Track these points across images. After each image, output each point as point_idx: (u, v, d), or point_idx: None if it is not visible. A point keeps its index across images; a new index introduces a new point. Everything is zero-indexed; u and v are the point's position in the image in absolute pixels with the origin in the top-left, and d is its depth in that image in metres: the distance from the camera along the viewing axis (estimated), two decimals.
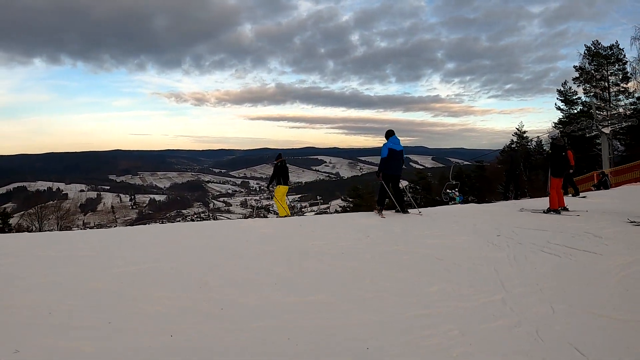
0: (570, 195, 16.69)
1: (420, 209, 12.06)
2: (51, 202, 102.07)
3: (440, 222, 10.03)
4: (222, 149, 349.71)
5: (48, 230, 55.05)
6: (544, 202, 13.01)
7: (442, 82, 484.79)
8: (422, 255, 6.91)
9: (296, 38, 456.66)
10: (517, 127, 49.38)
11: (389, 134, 11.52)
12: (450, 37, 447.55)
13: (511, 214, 11.56)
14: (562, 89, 46.16)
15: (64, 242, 7.94)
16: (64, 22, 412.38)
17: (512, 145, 46.18)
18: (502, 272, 6.09)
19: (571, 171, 16.43)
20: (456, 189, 19.95)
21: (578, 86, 45.20)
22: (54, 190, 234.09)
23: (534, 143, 46.89)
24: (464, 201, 22.47)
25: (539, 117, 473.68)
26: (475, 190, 48.53)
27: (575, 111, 45.12)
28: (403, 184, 13.51)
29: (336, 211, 70.29)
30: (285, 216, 12.98)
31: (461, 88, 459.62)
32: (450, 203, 18.96)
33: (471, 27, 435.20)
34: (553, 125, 45.45)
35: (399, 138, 11.64)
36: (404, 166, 12.36)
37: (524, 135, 48.77)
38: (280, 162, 16.90)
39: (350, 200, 56.48)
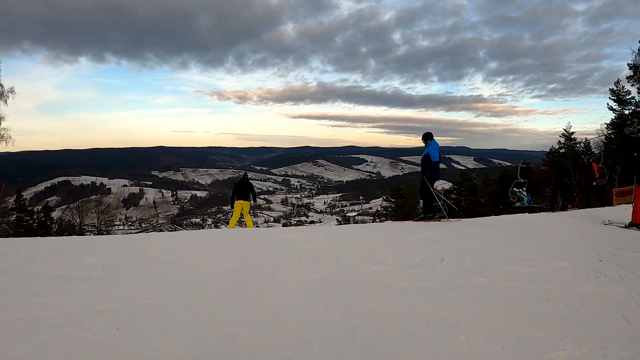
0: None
1: (450, 218, 11.20)
2: (94, 196, 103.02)
3: (520, 238, 8.52)
4: (263, 147, 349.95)
5: (90, 224, 55.26)
6: (615, 213, 11.91)
7: (485, 82, 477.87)
8: (521, 292, 5.23)
9: (338, 37, 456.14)
10: (565, 127, 46.69)
11: (431, 136, 11.51)
12: (492, 35, 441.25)
13: (594, 228, 9.99)
14: (614, 87, 43.46)
15: (70, 252, 7.26)
16: (109, 22, 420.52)
17: (560, 148, 43.59)
18: (636, 320, 4.41)
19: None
20: (524, 188, 17.90)
21: (632, 85, 42.50)
22: (97, 184, 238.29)
23: (582, 145, 44.47)
24: (534, 207, 20.44)
25: (584, 117, 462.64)
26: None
27: (628, 112, 42.47)
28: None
29: (377, 212, 68.65)
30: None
31: (504, 88, 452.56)
32: (517, 204, 16.97)
33: (514, 26, 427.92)
34: (605, 126, 42.99)
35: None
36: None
37: (572, 136, 46.17)
38: (241, 179, 18.02)
39: (393, 200, 54.58)
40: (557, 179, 16.01)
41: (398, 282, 5.74)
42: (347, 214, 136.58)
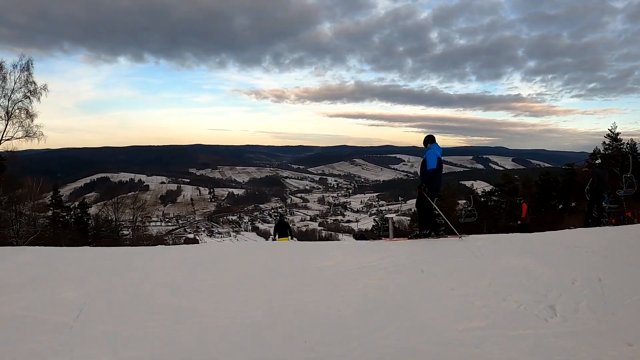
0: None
1: (461, 235, 9.18)
2: (132, 192, 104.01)
3: (628, 266, 6.33)
4: (300, 145, 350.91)
5: (127, 220, 55.27)
6: None
7: (523, 81, 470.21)
8: None
9: (375, 36, 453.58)
10: (610, 128, 44.44)
11: (432, 140, 9.95)
12: (530, 34, 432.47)
13: None
14: None
15: (50, 275, 6.43)
16: (147, 22, 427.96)
17: (598, 153, 41.29)
18: None
19: None
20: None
21: None
22: (135, 181, 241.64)
23: (627, 147, 42.34)
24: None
25: (624, 118, 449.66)
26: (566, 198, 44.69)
27: None
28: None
29: (414, 212, 67.45)
30: None
31: (543, 87, 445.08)
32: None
33: (552, 24, 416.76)
34: None
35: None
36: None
37: (618, 137, 43.95)
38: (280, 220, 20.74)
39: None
40: (595, 191, 14.40)
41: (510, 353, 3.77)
42: (380, 218, 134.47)
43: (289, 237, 19.07)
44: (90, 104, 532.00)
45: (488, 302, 4.87)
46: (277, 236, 18.61)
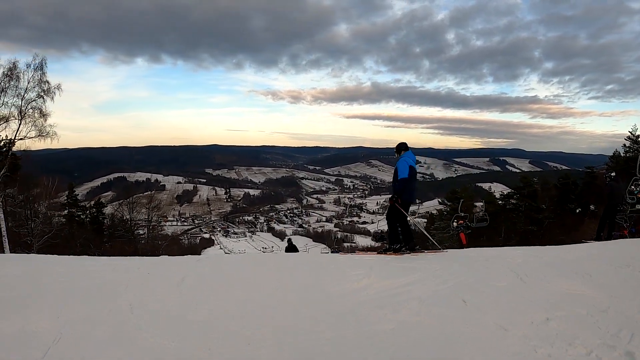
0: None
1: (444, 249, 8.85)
2: (148, 192, 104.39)
3: None
4: (317, 146, 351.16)
5: (143, 220, 55.39)
6: None
7: (540, 82, 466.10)
8: None
9: (391, 37, 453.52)
10: (630, 130, 43.44)
11: (404, 147, 9.24)
12: (547, 35, 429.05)
13: None
14: None
15: (28, 303, 5.34)
16: (165, 23, 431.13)
17: (626, 153, 40.34)
18: None
19: None
20: None
21: None
22: (152, 181, 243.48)
23: None
24: None
25: None
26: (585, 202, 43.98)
27: None
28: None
29: (431, 214, 66.90)
30: None
31: (560, 88, 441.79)
32: (637, 206, 14.75)
33: (569, 25, 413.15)
34: None
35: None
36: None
37: (639, 139, 43.09)
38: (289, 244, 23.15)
39: (449, 203, 52.64)
40: (609, 205, 14.04)
41: None
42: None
43: None
44: (107, 104, 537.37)
45: (552, 349, 3.91)
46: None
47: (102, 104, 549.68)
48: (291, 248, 22.22)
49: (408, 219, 8.49)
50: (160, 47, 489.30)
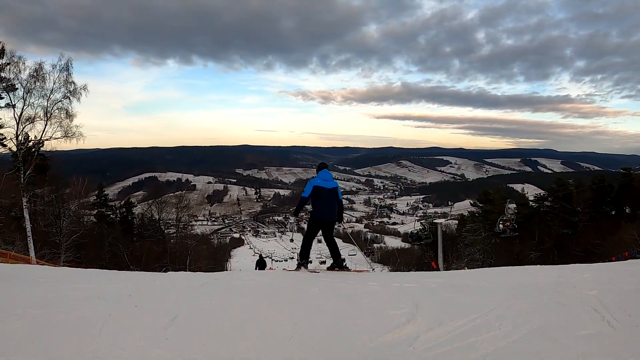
0: None
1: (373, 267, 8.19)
2: (179, 192, 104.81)
3: None
4: (347, 147, 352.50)
5: (172, 220, 55.43)
6: None
7: (572, 81, 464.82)
8: None
9: (421, 37, 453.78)
10: None
11: (320, 168, 9.19)
12: (579, 33, 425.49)
13: None
14: None
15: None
16: (196, 26, 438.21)
17: None
18: None
19: None
20: None
21: None
22: (183, 181, 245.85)
23: None
24: None
25: None
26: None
27: None
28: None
29: (463, 216, 65.61)
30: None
31: (592, 87, 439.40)
32: None
33: (601, 23, 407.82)
34: None
35: (332, 173, 9.30)
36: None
37: None
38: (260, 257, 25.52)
39: (480, 205, 51.46)
40: None
41: None
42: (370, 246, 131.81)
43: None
44: (138, 105, 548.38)
45: None
46: (257, 269, 22.29)
47: (133, 105, 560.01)
48: (261, 263, 24.58)
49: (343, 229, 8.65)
50: (191, 49, 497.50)
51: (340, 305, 5.00)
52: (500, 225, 26.94)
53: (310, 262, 9.01)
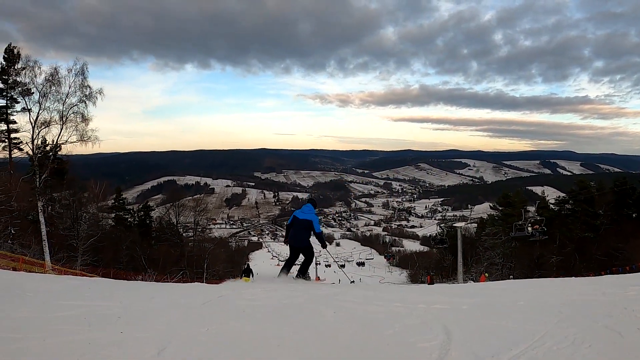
0: None
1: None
2: (198, 195, 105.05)
3: None
4: (365, 150, 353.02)
5: (190, 223, 55.25)
6: None
7: (591, 82, 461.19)
8: None
9: (438, 39, 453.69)
10: None
11: (306, 201, 11.23)
12: (596, 33, 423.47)
13: None
14: None
15: None
16: (214, 30, 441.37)
17: None
18: None
19: None
20: None
21: None
22: (201, 184, 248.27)
23: None
24: None
25: None
26: None
27: None
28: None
29: (482, 219, 64.84)
30: None
31: (611, 88, 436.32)
32: None
33: (619, 22, 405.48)
34: None
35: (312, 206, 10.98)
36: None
37: None
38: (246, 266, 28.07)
39: (500, 208, 50.77)
40: None
41: None
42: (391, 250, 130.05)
43: (251, 277, 23.94)
44: (157, 109, 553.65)
45: None
46: (242, 276, 24.42)
47: (152, 109, 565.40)
48: (247, 271, 26.24)
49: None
50: (209, 53, 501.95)
51: (359, 333, 4.28)
52: (529, 228, 26.31)
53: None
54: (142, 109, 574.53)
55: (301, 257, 10.64)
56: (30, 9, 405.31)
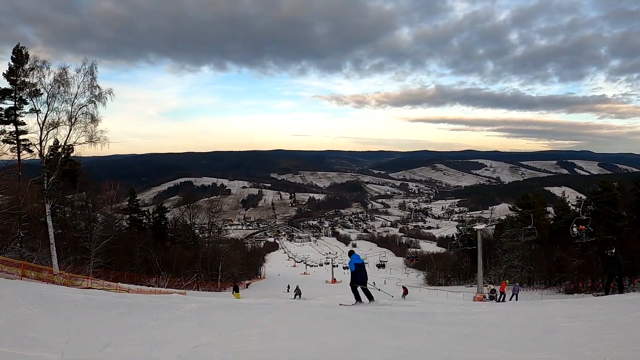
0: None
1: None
2: (214, 196, 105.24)
3: None
4: (381, 151, 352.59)
5: (206, 224, 54.94)
6: None
7: (608, 81, 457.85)
8: None
9: (454, 39, 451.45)
10: None
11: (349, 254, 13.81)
12: (612, 31, 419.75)
13: None
14: None
15: None
16: (230, 33, 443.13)
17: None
18: None
19: None
20: None
21: None
22: (218, 185, 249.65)
23: None
24: None
25: None
26: None
27: None
28: None
29: (499, 219, 63.99)
30: None
31: (628, 87, 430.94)
32: None
33: (634, 20, 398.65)
34: None
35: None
36: None
37: None
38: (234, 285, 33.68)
39: (519, 210, 49.87)
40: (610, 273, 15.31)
41: None
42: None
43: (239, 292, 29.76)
44: (173, 111, 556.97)
45: None
46: (234, 291, 30.77)
47: (168, 111, 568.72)
48: (236, 287, 32.26)
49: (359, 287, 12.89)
50: (226, 56, 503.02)
51: None
52: (574, 229, 25.27)
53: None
54: (158, 111, 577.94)
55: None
56: (49, 14, 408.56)
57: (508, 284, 33.39)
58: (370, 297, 13.02)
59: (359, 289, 12.91)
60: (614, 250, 15.15)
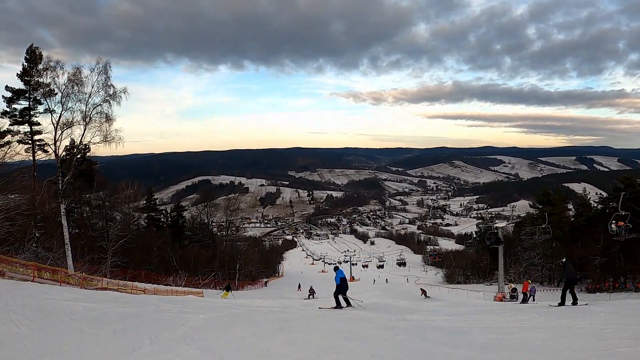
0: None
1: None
2: (232, 194, 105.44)
3: None
4: (399, 148, 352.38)
5: (224, 222, 54.87)
6: None
7: (627, 75, 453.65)
8: None
9: (471, 35, 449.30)
10: None
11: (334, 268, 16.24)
12: (631, 25, 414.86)
13: None
14: None
15: None
16: (247, 32, 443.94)
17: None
18: None
19: None
20: None
21: None
22: (235, 184, 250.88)
23: None
24: None
25: None
26: None
27: None
28: None
29: (519, 217, 63.24)
30: None
31: None
32: None
33: None
34: None
35: None
36: None
37: None
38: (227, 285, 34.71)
39: (540, 206, 49.17)
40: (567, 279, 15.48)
41: None
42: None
43: (230, 291, 31.43)
44: (191, 110, 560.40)
45: None
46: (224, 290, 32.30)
47: (186, 110, 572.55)
48: (228, 287, 33.24)
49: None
50: (243, 55, 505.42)
51: None
52: (613, 226, 24.35)
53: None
54: (176, 110, 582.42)
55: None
56: (68, 16, 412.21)
57: (530, 283, 32.71)
58: (348, 303, 15.81)
59: (340, 297, 15.49)
60: (564, 260, 15.77)
